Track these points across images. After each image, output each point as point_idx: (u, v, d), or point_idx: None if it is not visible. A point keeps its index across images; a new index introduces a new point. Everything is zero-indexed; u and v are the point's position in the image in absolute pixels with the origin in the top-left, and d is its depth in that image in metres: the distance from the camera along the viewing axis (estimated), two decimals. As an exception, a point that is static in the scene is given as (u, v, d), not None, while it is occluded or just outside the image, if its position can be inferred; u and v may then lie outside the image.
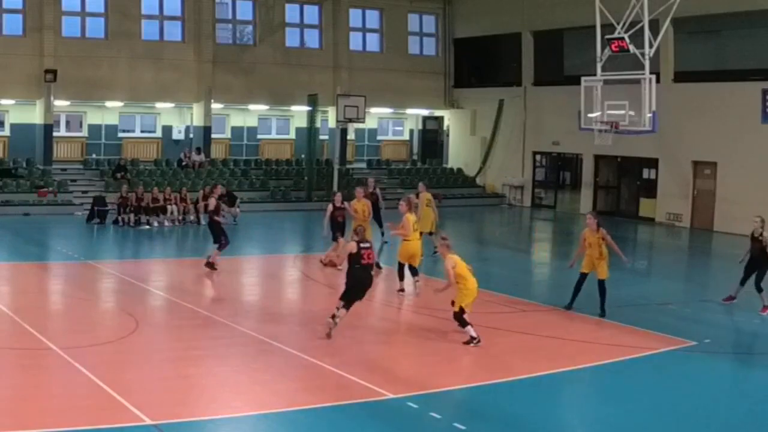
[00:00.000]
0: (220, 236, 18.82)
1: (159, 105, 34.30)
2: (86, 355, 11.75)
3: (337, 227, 19.16)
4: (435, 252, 18.81)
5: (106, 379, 10.59)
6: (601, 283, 15.25)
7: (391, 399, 10.41)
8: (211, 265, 18.69)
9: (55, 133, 31.92)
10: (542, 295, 17.27)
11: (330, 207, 19.20)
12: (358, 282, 13.32)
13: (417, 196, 20.36)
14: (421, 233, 17.52)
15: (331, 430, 9.59)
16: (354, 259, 13.32)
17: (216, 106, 34.43)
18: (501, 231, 19.48)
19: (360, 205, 19.20)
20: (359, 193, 19.67)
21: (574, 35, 32.96)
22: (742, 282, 16.31)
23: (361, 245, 13.45)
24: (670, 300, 17.08)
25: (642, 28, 22.59)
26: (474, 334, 13.02)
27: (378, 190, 22.52)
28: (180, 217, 27.05)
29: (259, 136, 37.75)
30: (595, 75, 24.03)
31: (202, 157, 33.11)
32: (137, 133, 35.39)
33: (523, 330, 14.45)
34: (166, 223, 26.66)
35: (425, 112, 40.81)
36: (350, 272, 13.39)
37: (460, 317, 13.17)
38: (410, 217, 16.63)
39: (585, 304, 16.56)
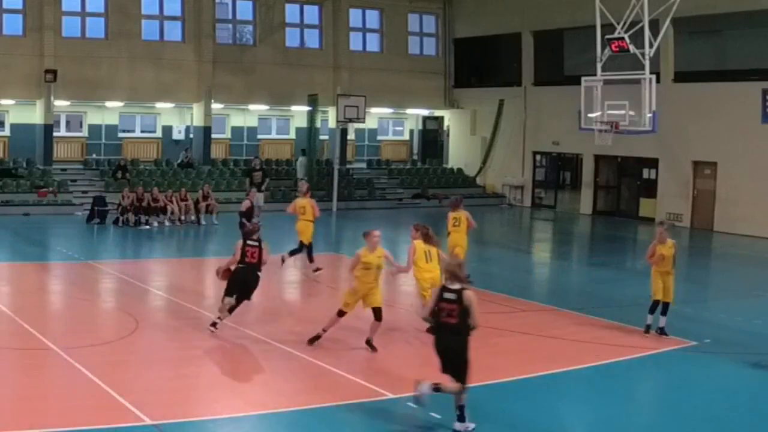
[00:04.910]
0: None
1: (159, 105, 34.29)
2: (86, 355, 11.74)
3: None
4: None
5: (106, 379, 10.59)
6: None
7: (391, 399, 10.41)
8: None
9: (55, 133, 31.90)
10: (542, 295, 17.26)
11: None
12: None
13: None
14: None
15: (331, 430, 9.58)
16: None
17: (216, 106, 34.41)
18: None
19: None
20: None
21: (574, 35, 32.94)
22: None
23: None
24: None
25: (642, 28, 22.59)
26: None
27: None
28: (180, 217, 27.05)
29: (259, 136, 37.75)
30: (595, 75, 24.04)
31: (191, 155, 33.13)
32: (137, 133, 35.38)
33: (523, 330, 14.44)
34: (166, 223, 26.66)
35: (425, 112, 40.79)
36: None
37: None
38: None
39: (585, 303, 16.56)
